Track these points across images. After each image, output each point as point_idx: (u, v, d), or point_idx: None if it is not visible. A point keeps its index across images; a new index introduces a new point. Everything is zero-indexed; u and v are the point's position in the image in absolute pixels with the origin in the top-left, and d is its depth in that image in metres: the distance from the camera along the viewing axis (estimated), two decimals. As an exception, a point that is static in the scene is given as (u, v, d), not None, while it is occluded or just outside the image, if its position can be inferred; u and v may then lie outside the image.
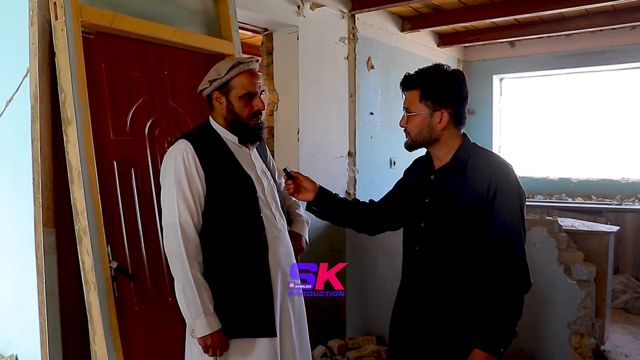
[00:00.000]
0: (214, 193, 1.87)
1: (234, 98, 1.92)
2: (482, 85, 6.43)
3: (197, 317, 1.81)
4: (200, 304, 1.81)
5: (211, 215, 1.88)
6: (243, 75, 1.91)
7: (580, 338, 3.33)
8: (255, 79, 1.94)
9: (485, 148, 1.89)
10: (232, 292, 1.87)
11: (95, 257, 2.04)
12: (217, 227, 1.88)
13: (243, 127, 1.95)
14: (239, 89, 1.91)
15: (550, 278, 3.39)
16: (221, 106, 1.95)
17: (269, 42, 4.05)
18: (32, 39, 2.18)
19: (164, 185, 1.91)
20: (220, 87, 1.93)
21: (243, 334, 1.87)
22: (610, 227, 3.88)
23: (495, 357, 1.72)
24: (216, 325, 1.83)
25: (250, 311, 1.87)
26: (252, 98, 1.93)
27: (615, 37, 5.57)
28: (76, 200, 2.08)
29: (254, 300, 1.87)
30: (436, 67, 1.82)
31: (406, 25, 5.13)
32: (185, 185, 1.84)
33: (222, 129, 1.97)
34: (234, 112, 1.93)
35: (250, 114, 1.94)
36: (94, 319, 2.06)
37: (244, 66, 1.91)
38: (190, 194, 1.84)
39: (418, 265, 1.88)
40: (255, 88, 1.94)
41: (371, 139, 4.70)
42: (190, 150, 1.86)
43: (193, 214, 1.84)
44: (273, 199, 2.02)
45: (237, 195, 1.90)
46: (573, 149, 6.25)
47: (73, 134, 2.07)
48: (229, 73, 1.90)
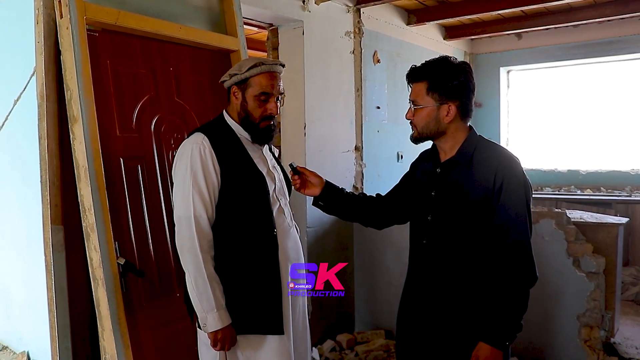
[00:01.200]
0: (228, 188, 1.88)
1: (249, 96, 1.92)
2: (489, 77, 6.39)
3: (209, 311, 1.81)
4: (212, 299, 1.81)
5: (223, 210, 1.88)
6: (263, 76, 1.91)
7: (590, 331, 3.31)
8: (275, 82, 1.93)
9: (491, 141, 1.88)
10: (241, 288, 1.88)
11: (103, 254, 2.05)
12: (229, 223, 1.88)
13: (254, 127, 1.94)
14: (255, 87, 1.91)
15: (559, 270, 3.37)
16: (237, 101, 1.95)
17: (274, 38, 4.04)
18: (37, 37, 2.19)
19: (177, 178, 1.90)
20: (239, 83, 1.93)
21: (251, 330, 1.88)
22: (619, 219, 3.85)
23: (500, 350, 1.72)
24: (227, 319, 1.84)
25: (259, 308, 1.87)
26: (267, 100, 1.93)
27: (624, 27, 5.50)
28: (83, 197, 2.09)
29: (262, 298, 1.88)
30: (443, 59, 1.81)
31: (412, 18, 5.10)
32: (201, 178, 1.83)
33: (235, 124, 1.98)
34: (247, 110, 1.93)
35: (262, 116, 1.93)
36: (102, 315, 2.08)
37: (265, 67, 1.91)
38: (205, 188, 1.84)
39: (425, 258, 1.88)
40: (273, 90, 1.93)
41: (378, 133, 4.69)
42: (207, 144, 1.86)
43: (208, 208, 1.84)
44: (283, 194, 2.04)
45: (249, 192, 1.91)
46: (582, 141, 6.21)
47: (79, 132, 2.08)
48: (250, 71, 1.90)
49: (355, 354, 3.78)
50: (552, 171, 6.25)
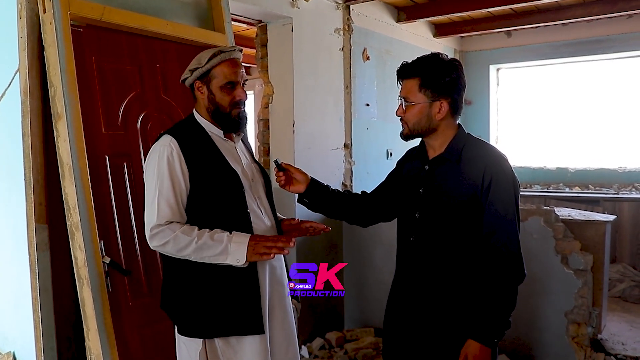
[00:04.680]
0: (199, 189, 1.81)
1: (215, 88, 1.86)
2: (479, 75, 6.40)
3: (228, 253, 1.73)
4: (215, 243, 1.73)
5: (197, 211, 1.82)
6: (224, 65, 1.85)
7: (578, 327, 3.33)
8: (238, 69, 1.88)
9: (479, 138, 1.88)
10: (219, 290, 1.82)
11: (88, 253, 2.03)
12: (204, 222, 1.81)
13: (225, 117, 1.88)
14: (219, 78, 1.85)
15: (547, 268, 3.39)
16: (203, 96, 1.89)
17: (263, 34, 4.02)
18: (20, 32, 2.15)
19: (146, 182, 1.84)
20: (202, 77, 1.87)
21: (231, 332, 1.82)
22: (607, 216, 3.87)
23: (489, 347, 1.72)
24: (244, 237, 1.75)
25: (238, 309, 1.82)
26: (234, 88, 1.87)
27: (612, 25, 5.54)
28: (68, 196, 2.07)
29: (241, 298, 1.82)
30: (435, 55, 1.80)
31: (402, 15, 5.09)
32: (167, 183, 1.77)
33: (206, 122, 1.91)
34: (215, 102, 1.87)
35: (232, 103, 1.87)
36: (87, 315, 2.05)
37: (225, 55, 1.85)
38: (172, 193, 1.77)
39: (413, 255, 1.87)
40: (237, 77, 1.87)
41: (367, 130, 4.68)
42: (174, 146, 1.79)
43: (175, 214, 1.78)
44: (259, 193, 1.97)
45: (223, 190, 1.84)
46: (570, 139, 6.24)
47: (64, 129, 2.05)
48: (210, 62, 1.84)
49: (345, 351, 3.78)
50: (540, 169, 6.28)
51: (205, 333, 1.81)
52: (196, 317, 1.82)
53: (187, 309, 1.83)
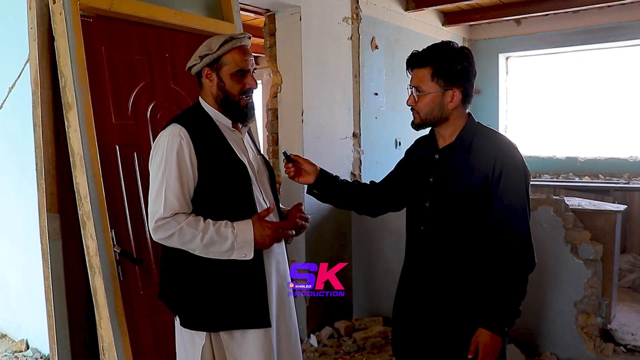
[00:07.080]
0: (207, 180, 1.78)
1: (225, 75, 1.83)
2: (488, 64, 6.35)
3: (235, 248, 1.73)
4: (221, 238, 1.72)
5: (203, 202, 1.79)
6: (235, 52, 1.82)
7: (587, 317, 3.32)
8: (248, 56, 1.85)
9: (489, 127, 1.87)
10: (225, 283, 1.79)
11: (99, 242, 2.05)
12: (210, 214, 1.78)
13: (234, 105, 1.85)
14: (231, 65, 1.82)
15: (556, 258, 3.38)
16: (211, 84, 1.85)
17: (271, 23, 4.00)
18: (30, 23, 2.16)
19: (152, 171, 1.81)
20: (211, 63, 1.83)
21: (238, 325, 1.79)
22: (617, 206, 3.85)
23: (499, 336, 1.72)
24: (247, 225, 1.75)
25: (244, 302, 1.79)
26: (244, 76, 1.84)
27: (624, 12, 5.46)
28: (79, 185, 2.08)
29: (248, 291, 1.80)
30: (445, 44, 1.79)
31: (410, 4, 5.05)
32: (175, 174, 1.74)
33: (213, 110, 1.87)
34: (225, 89, 1.84)
35: (242, 92, 1.84)
36: (99, 303, 2.08)
37: (236, 42, 1.82)
38: (179, 184, 1.74)
39: (423, 245, 1.87)
40: (248, 65, 1.84)
41: (376, 119, 4.67)
42: (184, 135, 1.76)
43: (182, 204, 1.75)
44: (264, 186, 1.94)
45: (231, 182, 1.81)
46: (580, 128, 6.19)
47: (74, 119, 2.06)
48: (221, 48, 1.81)
49: (353, 340, 3.80)
50: (550, 158, 6.24)
51: (211, 326, 1.78)
52: (201, 309, 1.78)
53: (192, 302, 1.79)
